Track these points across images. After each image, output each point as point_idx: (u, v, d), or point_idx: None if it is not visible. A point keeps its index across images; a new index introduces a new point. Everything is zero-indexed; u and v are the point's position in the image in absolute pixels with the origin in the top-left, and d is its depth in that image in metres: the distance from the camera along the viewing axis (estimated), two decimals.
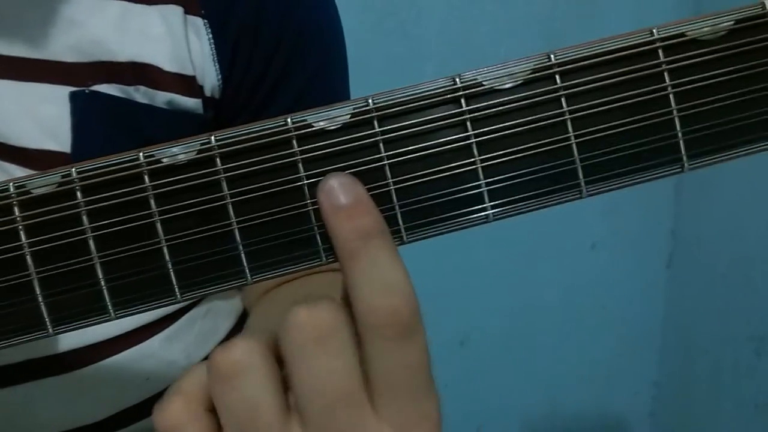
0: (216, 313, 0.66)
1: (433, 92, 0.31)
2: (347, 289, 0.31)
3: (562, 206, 0.32)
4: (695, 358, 1.59)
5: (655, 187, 1.53)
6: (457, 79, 0.31)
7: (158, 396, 0.61)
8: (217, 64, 0.55)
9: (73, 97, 0.51)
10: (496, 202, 0.31)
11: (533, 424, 1.68)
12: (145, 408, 0.61)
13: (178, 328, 0.61)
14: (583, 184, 0.31)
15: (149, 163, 0.32)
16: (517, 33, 1.44)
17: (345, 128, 0.31)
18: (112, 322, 0.55)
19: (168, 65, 0.53)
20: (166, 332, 0.60)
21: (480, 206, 0.31)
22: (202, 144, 0.32)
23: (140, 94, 0.53)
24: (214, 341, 0.66)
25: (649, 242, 1.66)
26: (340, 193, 0.30)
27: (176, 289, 0.32)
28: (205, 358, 0.65)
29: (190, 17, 0.54)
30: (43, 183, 0.32)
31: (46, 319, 0.33)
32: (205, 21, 0.54)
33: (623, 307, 1.67)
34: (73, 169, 0.32)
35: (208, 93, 0.55)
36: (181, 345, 0.62)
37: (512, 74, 0.31)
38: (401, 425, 0.31)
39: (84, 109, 0.51)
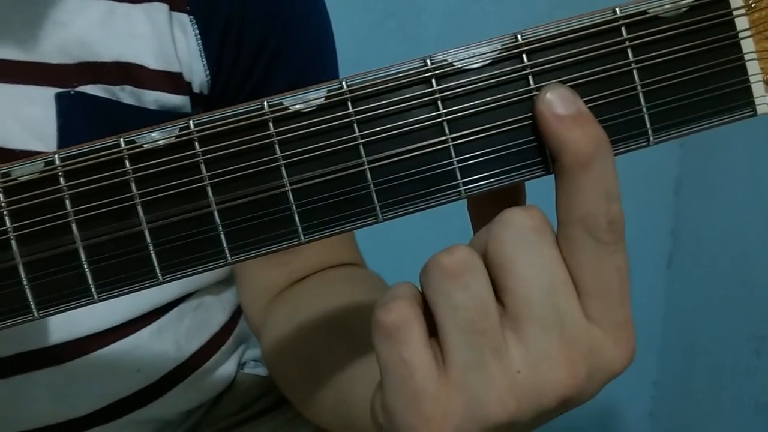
0: (207, 307, 0.66)
1: (404, 73, 0.32)
2: (564, 197, 0.32)
3: None
4: (695, 358, 1.58)
5: (655, 187, 1.52)
6: (428, 60, 0.32)
7: (149, 388, 0.61)
8: (204, 59, 0.55)
9: (58, 98, 0.51)
10: (468, 179, 0.32)
11: None
12: (135, 400, 0.61)
13: (168, 321, 0.61)
14: (551, 160, 0.32)
15: (129, 148, 0.32)
16: None
17: (320, 110, 0.32)
18: (101, 315, 0.56)
19: (154, 63, 0.53)
20: (156, 324, 0.60)
21: (453, 183, 0.32)
22: (181, 128, 0.32)
23: (126, 94, 0.53)
24: (206, 335, 0.66)
25: (649, 242, 1.66)
26: (560, 102, 0.31)
27: (158, 271, 0.33)
28: (197, 352, 0.63)
29: (176, 14, 0.53)
30: (28, 170, 0.33)
31: (31, 303, 0.33)
32: (191, 17, 0.54)
33: None
34: (56, 156, 0.32)
35: (196, 89, 0.55)
36: (172, 337, 0.62)
37: (481, 54, 0.32)
38: (610, 326, 0.33)
39: (70, 110, 0.51)
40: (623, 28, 0.31)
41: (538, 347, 0.31)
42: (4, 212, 0.33)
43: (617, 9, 0.31)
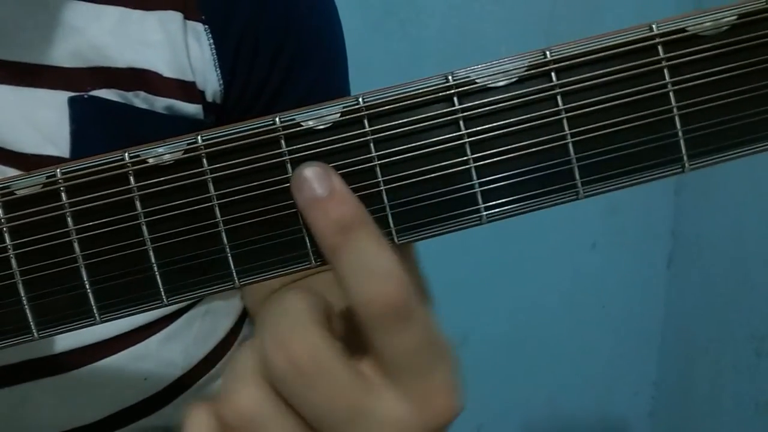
0: (215, 313, 0.65)
1: (424, 90, 0.30)
2: (338, 284, 0.30)
3: (561, 206, 0.31)
4: (695, 358, 1.59)
5: (655, 187, 1.53)
6: (450, 77, 0.30)
7: (156, 396, 0.60)
8: (218, 69, 0.54)
9: (71, 102, 0.50)
10: (490, 204, 0.30)
11: (533, 424, 1.67)
12: (142, 408, 0.60)
13: (176, 329, 0.60)
14: (579, 184, 0.30)
15: (134, 164, 0.31)
16: (517, 33, 1.44)
17: (334, 127, 0.31)
18: (108, 323, 0.55)
19: (167, 71, 0.52)
20: (165, 332, 0.59)
21: (473, 207, 0.31)
22: (189, 144, 0.31)
23: (140, 100, 0.52)
24: (213, 341, 0.65)
25: (649, 242, 1.66)
26: (312, 185, 0.30)
27: (162, 293, 0.32)
28: (204, 359, 0.63)
29: (190, 23, 0.53)
30: (28, 184, 0.31)
31: (31, 323, 0.32)
32: (206, 26, 0.53)
33: (623, 307, 1.67)
34: (58, 170, 0.31)
35: (209, 98, 0.55)
36: (180, 345, 0.61)
37: (506, 71, 0.30)
38: (416, 400, 0.31)
39: (83, 115, 0.51)
40: (660, 47, 0.30)
41: None
42: (4, 228, 0.31)
43: (654, 26, 0.29)
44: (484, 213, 0.31)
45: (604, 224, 1.61)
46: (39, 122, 0.50)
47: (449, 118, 0.30)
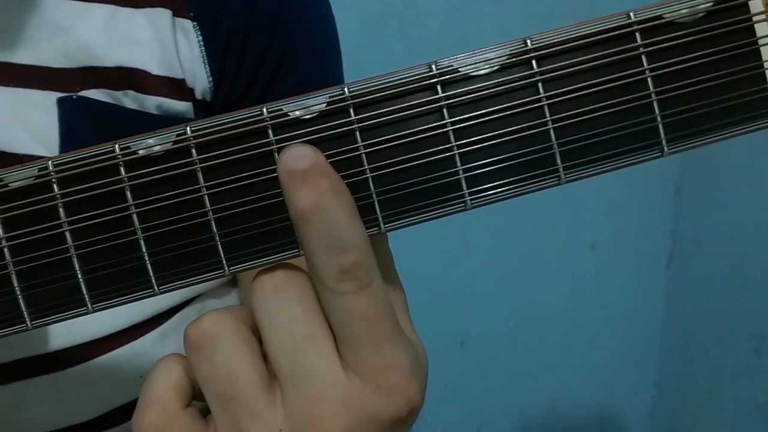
0: None
1: (409, 79, 0.31)
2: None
3: (562, 205, 0.32)
4: (695, 358, 1.59)
5: (655, 188, 1.52)
6: (433, 66, 0.31)
7: None
8: (207, 66, 0.54)
9: (60, 103, 0.50)
10: (474, 189, 0.31)
11: (533, 424, 1.67)
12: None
13: (171, 327, 0.60)
14: (561, 169, 0.31)
15: (125, 155, 0.32)
16: (516, 34, 1.44)
17: (321, 117, 0.31)
18: (103, 321, 0.55)
19: (156, 69, 0.52)
20: (160, 330, 0.59)
21: (458, 193, 0.31)
22: (178, 135, 0.32)
23: (129, 99, 0.52)
24: None
25: (649, 242, 1.66)
26: (297, 160, 0.30)
27: (153, 281, 0.32)
28: None
29: (179, 20, 0.53)
30: (21, 176, 0.32)
31: (24, 312, 0.32)
32: (195, 23, 0.53)
33: (623, 307, 1.67)
34: (50, 162, 0.32)
35: (199, 96, 0.55)
36: (175, 343, 0.60)
37: (488, 60, 0.31)
38: (368, 374, 0.32)
39: (72, 115, 0.50)
40: (637, 34, 0.30)
41: (292, 405, 0.32)
42: None
43: (631, 14, 0.30)
44: (468, 198, 0.31)
45: (603, 225, 1.61)
46: (29, 123, 0.50)
47: (433, 106, 0.31)
